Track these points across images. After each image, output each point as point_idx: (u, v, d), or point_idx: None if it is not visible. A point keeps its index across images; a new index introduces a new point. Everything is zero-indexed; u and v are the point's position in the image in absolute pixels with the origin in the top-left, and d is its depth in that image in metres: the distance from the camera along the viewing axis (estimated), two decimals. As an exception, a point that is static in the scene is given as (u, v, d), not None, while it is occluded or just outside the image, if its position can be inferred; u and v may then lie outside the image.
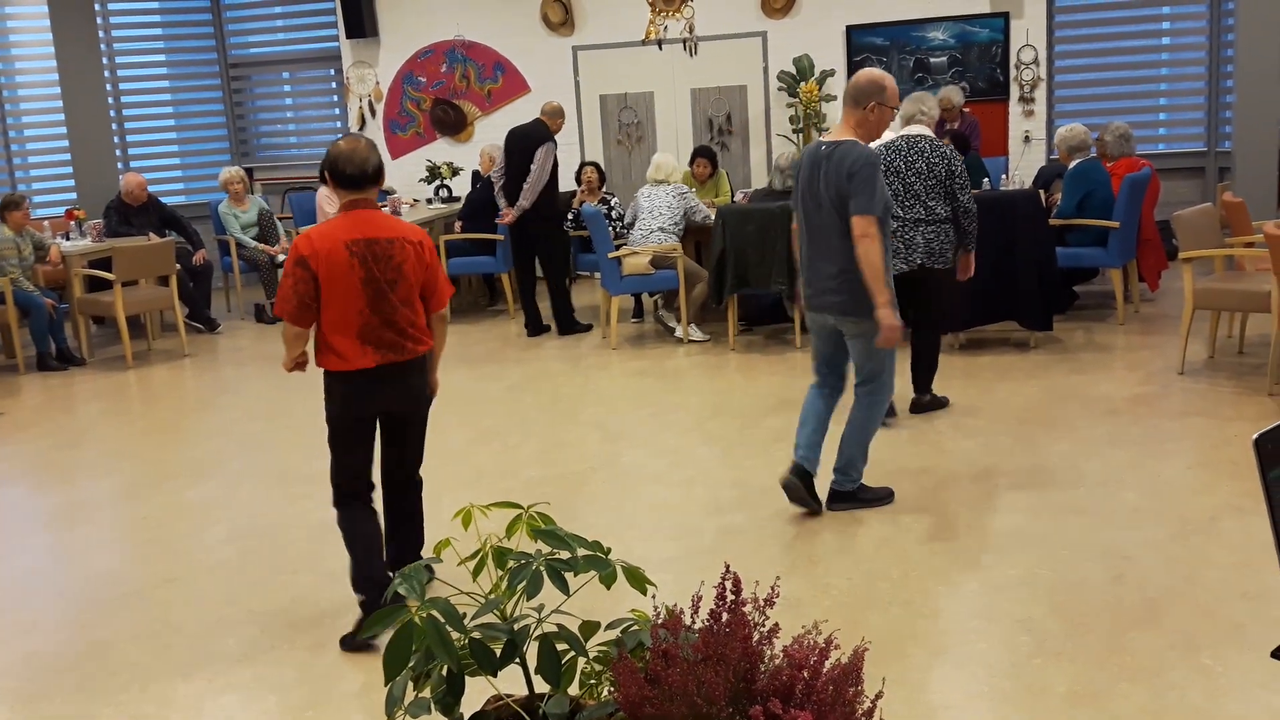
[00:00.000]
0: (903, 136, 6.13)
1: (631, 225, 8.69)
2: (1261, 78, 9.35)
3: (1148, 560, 4.35)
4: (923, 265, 6.03)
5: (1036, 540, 4.60)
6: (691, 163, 9.87)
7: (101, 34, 12.13)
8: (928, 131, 6.17)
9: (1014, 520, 4.81)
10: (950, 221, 6.06)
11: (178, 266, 9.41)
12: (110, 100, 12.22)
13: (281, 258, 10.66)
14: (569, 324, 9.11)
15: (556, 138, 9.03)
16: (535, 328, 9.24)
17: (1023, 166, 10.81)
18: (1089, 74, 11.25)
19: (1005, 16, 10.90)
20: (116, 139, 12.34)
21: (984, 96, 10.99)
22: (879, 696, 2.12)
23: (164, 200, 10.71)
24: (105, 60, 12.18)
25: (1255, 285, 6.62)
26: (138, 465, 6.39)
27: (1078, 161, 8.25)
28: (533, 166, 8.81)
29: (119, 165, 12.14)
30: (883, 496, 5.05)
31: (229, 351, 9.33)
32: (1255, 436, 1.83)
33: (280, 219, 11.29)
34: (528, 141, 8.90)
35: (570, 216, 9.55)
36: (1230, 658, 3.60)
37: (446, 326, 4.29)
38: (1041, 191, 8.24)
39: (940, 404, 6.43)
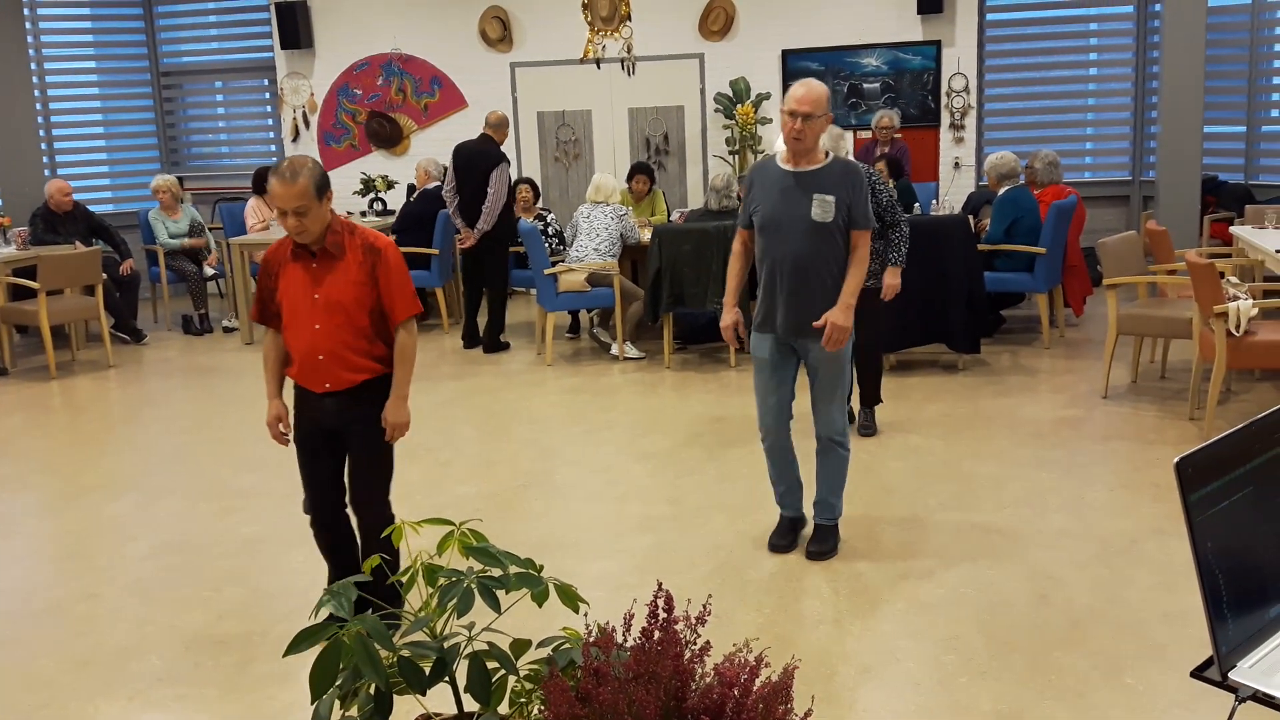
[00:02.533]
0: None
1: (570, 243, 8.70)
2: (1185, 110, 9.58)
3: (1071, 581, 4.42)
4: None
5: (962, 560, 4.66)
6: (630, 179, 9.90)
7: (30, 39, 11.90)
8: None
9: (940, 540, 4.87)
10: (879, 238, 6.09)
11: (104, 276, 9.24)
12: (39, 106, 11.99)
13: (210, 271, 10.51)
14: (495, 343, 9.09)
15: (503, 150, 9.02)
16: (472, 340, 9.24)
17: (953, 192, 10.98)
18: (1018, 103, 11.47)
19: (937, 45, 11.08)
20: (44, 145, 12.10)
21: (915, 123, 11.15)
22: (808, 714, 2.14)
23: (92, 208, 10.52)
24: (34, 66, 11.96)
25: (1177, 312, 6.77)
26: (59, 478, 6.26)
27: (1006, 189, 8.40)
28: (489, 190, 8.79)
29: (46, 172, 11.90)
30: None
31: (155, 363, 9.17)
32: (1176, 460, 1.87)
33: (211, 229, 11.13)
34: (480, 161, 8.87)
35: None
36: (1152, 677, 3.67)
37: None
38: (971, 217, 8.38)
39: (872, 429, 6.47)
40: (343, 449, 4.09)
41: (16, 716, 3.73)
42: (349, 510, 4.16)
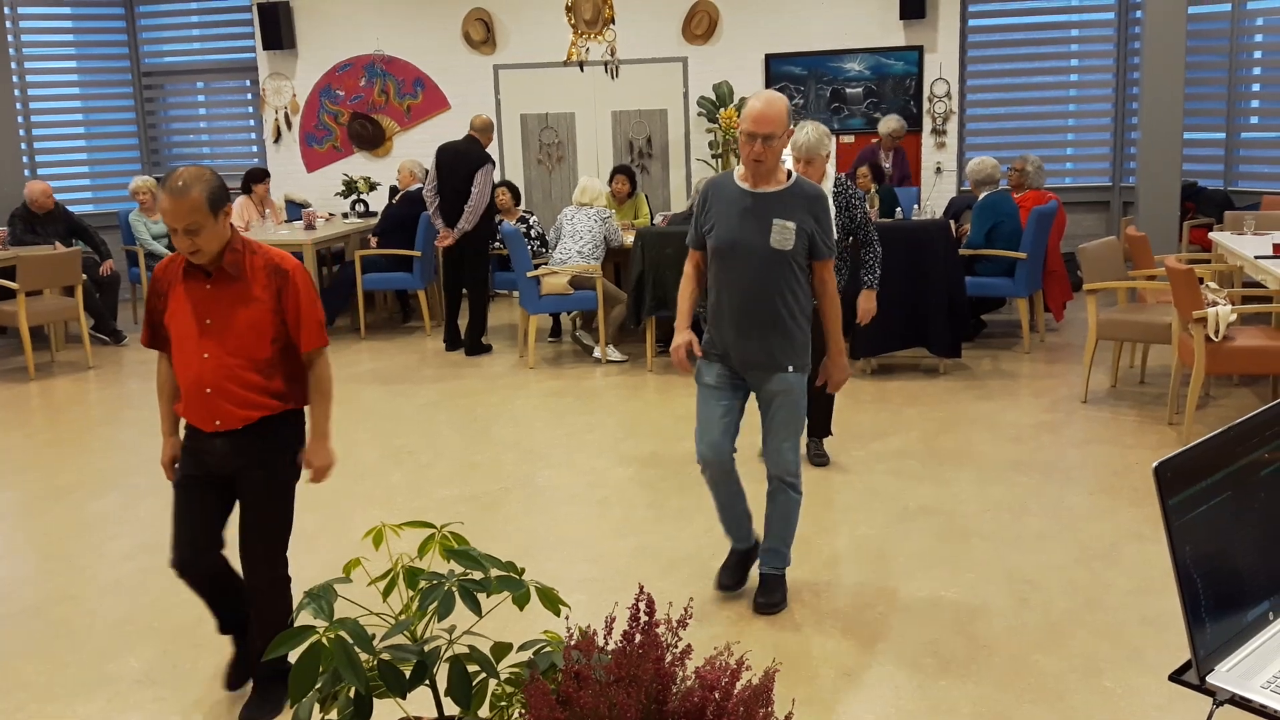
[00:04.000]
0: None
1: (554, 246, 8.70)
2: (1165, 116, 9.64)
3: (1050, 584, 4.44)
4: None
5: (942, 563, 4.67)
6: (610, 180, 9.90)
7: (10, 39, 11.84)
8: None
9: (921, 543, 4.88)
10: (850, 256, 5.80)
11: (84, 277, 9.19)
12: (19, 106, 11.92)
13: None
14: (477, 345, 9.08)
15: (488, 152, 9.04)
16: (454, 343, 9.24)
17: (934, 197, 11.01)
18: (1000, 108, 11.52)
19: (919, 50, 11.12)
20: (24, 145, 12.04)
21: (899, 127, 11.19)
22: (789, 717, 2.14)
23: (72, 209, 10.47)
24: (14, 65, 11.89)
25: (1156, 317, 6.81)
26: (38, 478, 6.22)
27: (986, 193, 8.44)
28: (474, 190, 8.80)
29: (26, 173, 11.83)
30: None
31: (134, 364, 9.12)
32: (1155, 464, 1.88)
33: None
34: (464, 161, 8.87)
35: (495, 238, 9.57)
36: (1130, 680, 3.69)
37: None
38: (952, 222, 8.41)
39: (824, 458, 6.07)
40: (232, 496, 3.58)
41: (-7, 719, 3.71)
42: (226, 564, 3.65)
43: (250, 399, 3.45)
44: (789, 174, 4.18)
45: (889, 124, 10.12)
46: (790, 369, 4.16)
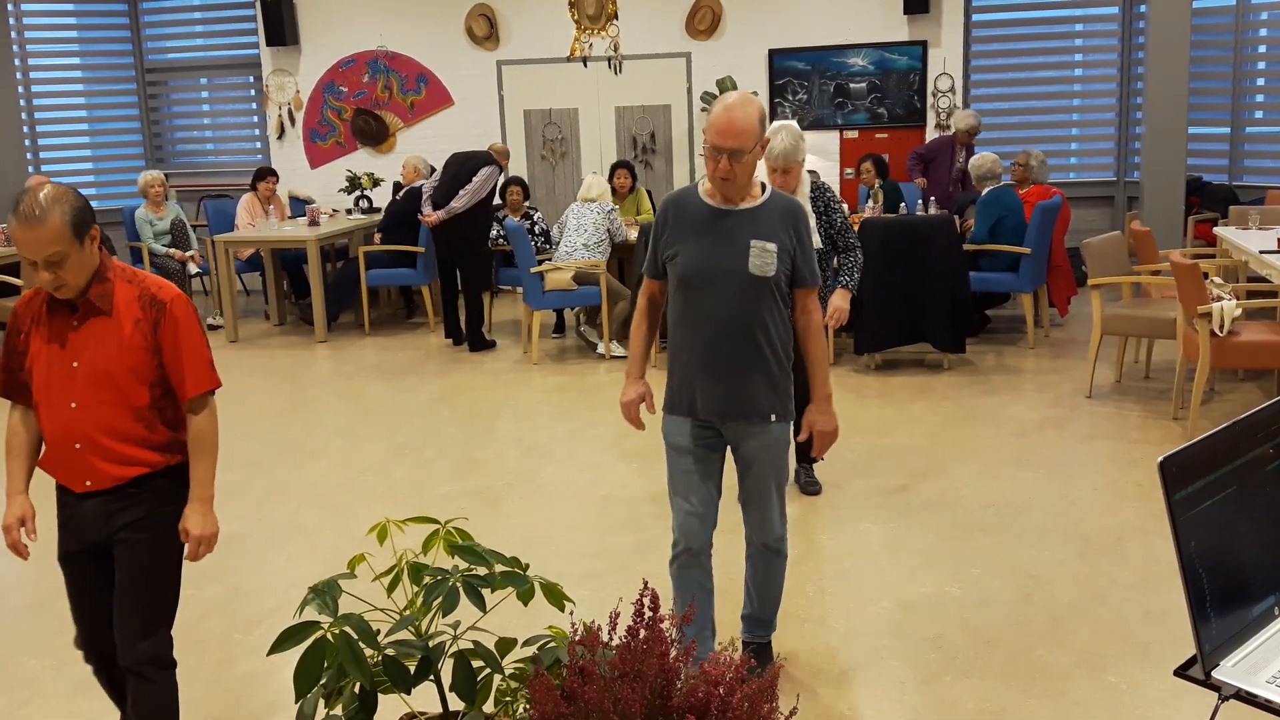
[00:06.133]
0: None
1: (558, 242, 8.72)
2: (1170, 111, 9.62)
3: (1055, 579, 4.44)
4: None
5: (947, 559, 4.67)
6: (611, 176, 9.90)
7: (14, 34, 11.85)
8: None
9: (925, 539, 4.88)
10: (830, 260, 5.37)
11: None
12: (22, 103, 11.93)
13: (193, 269, 10.47)
14: (478, 341, 9.09)
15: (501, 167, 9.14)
16: (457, 338, 9.26)
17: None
18: (1004, 103, 11.50)
19: (923, 45, 11.11)
20: (28, 141, 12.05)
21: (901, 123, 11.18)
22: (793, 713, 2.14)
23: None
24: (18, 61, 11.90)
25: (1161, 312, 6.80)
26: (38, 475, 6.21)
27: (990, 189, 8.43)
28: (475, 178, 8.85)
29: (30, 169, 11.84)
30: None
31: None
32: (1160, 459, 1.88)
33: (195, 225, 11.09)
34: (471, 159, 9.03)
35: (499, 233, 9.57)
36: (1134, 675, 3.68)
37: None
38: (956, 217, 8.40)
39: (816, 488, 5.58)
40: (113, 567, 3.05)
41: (-2, 715, 3.72)
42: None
43: (126, 454, 2.94)
44: (763, 186, 3.51)
45: (966, 119, 9.81)
46: (773, 418, 3.48)
